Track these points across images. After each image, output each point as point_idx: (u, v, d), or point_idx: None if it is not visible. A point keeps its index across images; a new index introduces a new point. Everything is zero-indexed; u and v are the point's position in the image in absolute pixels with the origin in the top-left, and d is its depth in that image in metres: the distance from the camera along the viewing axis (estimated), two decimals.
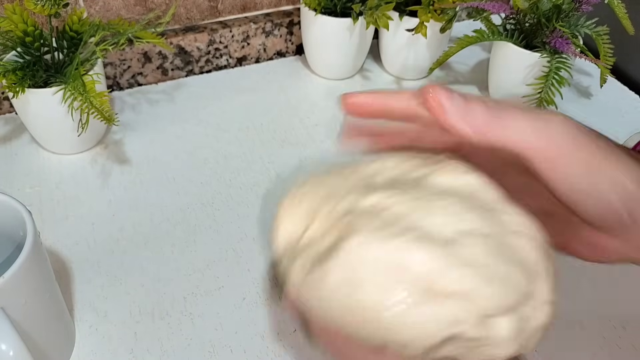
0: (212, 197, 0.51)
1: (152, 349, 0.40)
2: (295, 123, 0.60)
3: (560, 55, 0.55)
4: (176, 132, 0.58)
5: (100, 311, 0.42)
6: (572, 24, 0.57)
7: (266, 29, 0.66)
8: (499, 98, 0.33)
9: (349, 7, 0.59)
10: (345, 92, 0.30)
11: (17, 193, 0.50)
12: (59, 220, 0.48)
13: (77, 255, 0.46)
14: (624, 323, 0.43)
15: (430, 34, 0.60)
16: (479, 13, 0.60)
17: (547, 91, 0.54)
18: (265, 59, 0.69)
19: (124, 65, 0.62)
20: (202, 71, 0.66)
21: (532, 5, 0.55)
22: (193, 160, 0.55)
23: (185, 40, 0.63)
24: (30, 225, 0.33)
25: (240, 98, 0.63)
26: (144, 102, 0.62)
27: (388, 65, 0.67)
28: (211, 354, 0.40)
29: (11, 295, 0.31)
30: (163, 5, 0.61)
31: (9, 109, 0.59)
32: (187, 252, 0.46)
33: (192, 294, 0.43)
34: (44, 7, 0.45)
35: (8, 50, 0.49)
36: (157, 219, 0.49)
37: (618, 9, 0.56)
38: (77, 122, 0.49)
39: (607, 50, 0.57)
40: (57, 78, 0.50)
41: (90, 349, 0.40)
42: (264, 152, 0.56)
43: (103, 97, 0.47)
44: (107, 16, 0.60)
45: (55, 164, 0.54)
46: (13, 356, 0.30)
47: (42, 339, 0.35)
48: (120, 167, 0.54)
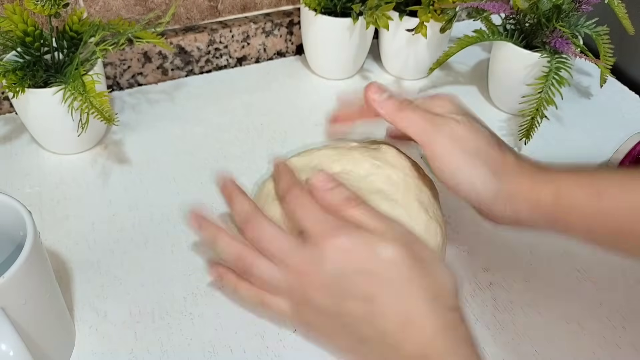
0: (212, 197, 0.51)
1: (152, 349, 0.40)
2: (295, 123, 0.60)
3: (560, 55, 0.55)
4: (176, 132, 0.58)
5: (100, 311, 0.42)
6: (572, 24, 0.57)
7: (266, 29, 0.66)
8: (427, 98, 0.43)
9: (349, 7, 0.59)
10: (331, 120, 0.47)
11: (17, 193, 0.50)
12: (59, 220, 0.48)
13: (77, 255, 0.46)
14: (624, 323, 0.43)
15: (430, 34, 0.60)
16: (479, 13, 0.60)
17: (547, 91, 0.54)
18: (265, 59, 0.69)
19: (124, 65, 0.62)
20: (202, 71, 0.66)
21: (532, 5, 0.55)
22: (193, 160, 0.55)
23: (185, 40, 0.63)
24: (30, 225, 0.33)
25: (240, 98, 0.63)
26: (144, 102, 0.62)
27: (388, 65, 0.67)
28: (211, 354, 0.40)
29: (11, 295, 0.31)
30: (163, 5, 0.61)
31: (9, 109, 0.59)
32: (187, 252, 0.46)
33: (192, 294, 0.43)
34: (44, 7, 0.45)
35: (8, 50, 0.49)
36: (157, 219, 0.49)
37: (618, 9, 0.56)
38: (77, 122, 0.49)
39: (607, 50, 0.57)
40: (57, 78, 0.50)
41: (90, 349, 0.40)
42: (264, 152, 0.56)
43: (103, 97, 0.47)
44: (107, 16, 0.60)
45: (55, 164, 0.54)
46: (13, 356, 0.30)
47: (42, 339, 0.35)
48: (120, 167, 0.54)
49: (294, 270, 0.36)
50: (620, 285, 0.45)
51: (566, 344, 0.41)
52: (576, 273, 0.46)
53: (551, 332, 0.42)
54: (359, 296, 0.34)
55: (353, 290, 0.34)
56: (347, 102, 0.46)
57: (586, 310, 0.44)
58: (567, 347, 0.41)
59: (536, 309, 0.43)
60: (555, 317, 0.43)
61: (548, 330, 0.42)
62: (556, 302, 0.44)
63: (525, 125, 0.55)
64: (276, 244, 0.37)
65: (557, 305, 0.44)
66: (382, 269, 0.34)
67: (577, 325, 0.42)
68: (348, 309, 0.34)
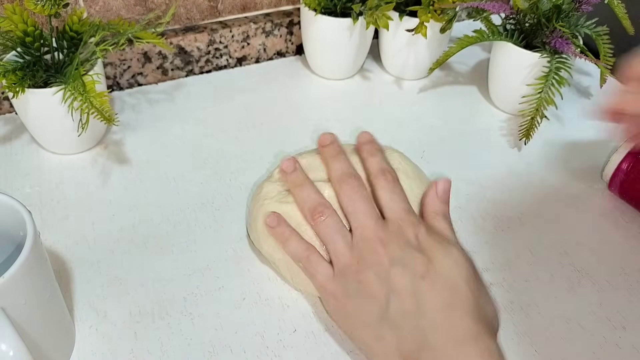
0: (212, 197, 0.51)
1: (152, 349, 0.40)
2: (295, 123, 0.60)
3: (560, 55, 0.55)
4: (176, 132, 0.58)
5: (100, 311, 0.42)
6: (572, 24, 0.57)
7: (266, 29, 0.66)
8: None
9: (349, 7, 0.59)
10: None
11: (17, 193, 0.50)
12: (59, 220, 0.48)
13: (77, 255, 0.46)
14: (624, 323, 0.43)
15: (430, 34, 0.60)
16: (479, 13, 0.60)
17: (547, 91, 0.54)
18: (265, 59, 0.69)
19: (124, 65, 0.62)
20: (202, 71, 0.66)
21: (532, 5, 0.55)
22: (193, 160, 0.55)
23: (185, 40, 0.63)
24: (30, 225, 0.33)
25: (240, 98, 0.63)
26: (144, 102, 0.62)
27: (388, 65, 0.67)
28: (211, 354, 0.40)
29: (11, 295, 0.31)
30: (163, 5, 0.61)
31: (9, 109, 0.59)
32: (187, 252, 0.46)
33: (192, 294, 0.43)
34: (44, 7, 0.45)
35: (8, 50, 0.49)
36: (157, 219, 0.49)
37: (618, 9, 0.56)
38: (77, 122, 0.49)
39: (607, 50, 0.57)
40: (57, 78, 0.50)
41: (90, 349, 0.40)
42: (264, 152, 0.56)
43: (103, 97, 0.47)
44: (107, 16, 0.60)
45: (55, 164, 0.54)
46: (13, 356, 0.30)
47: (42, 339, 0.35)
48: (120, 167, 0.54)
49: (367, 234, 0.39)
50: (620, 285, 0.45)
51: (566, 344, 0.41)
52: (576, 273, 0.46)
53: (551, 332, 0.42)
54: (413, 271, 0.36)
55: (408, 264, 0.36)
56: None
57: (586, 310, 0.44)
58: (567, 347, 0.41)
59: (536, 309, 0.43)
60: (555, 317, 0.43)
61: (548, 330, 0.42)
62: (556, 302, 0.44)
63: (525, 125, 0.55)
64: (364, 206, 0.40)
65: (557, 305, 0.44)
66: (444, 262, 0.36)
67: (577, 325, 0.42)
68: (395, 276, 0.36)
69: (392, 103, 0.63)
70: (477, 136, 0.59)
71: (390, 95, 0.65)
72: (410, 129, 0.60)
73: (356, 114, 0.61)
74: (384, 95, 0.65)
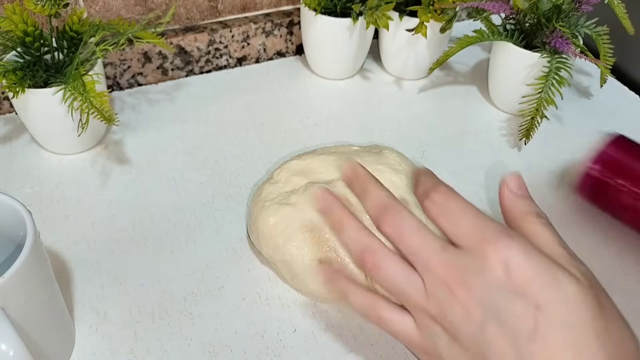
0: (212, 197, 0.51)
1: (152, 349, 0.40)
2: (295, 123, 0.60)
3: (560, 55, 0.55)
4: (176, 132, 0.58)
5: (100, 311, 0.42)
6: (572, 24, 0.57)
7: (266, 29, 0.66)
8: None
9: (349, 7, 0.59)
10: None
11: (17, 193, 0.50)
12: (59, 220, 0.48)
13: (77, 255, 0.46)
14: None
15: (430, 34, 0.60)
16: (479, 13, 0.60)
17: (547, 91, 0.54)
18: (265, 59, 0.69)
19: (124, 65, 0.62)
20: (202, 71, 0.66)
21: (532, 5, 0.55)
22: (193, 160, 0.55)
23: (185, 40, 0.63)
24: (30, 225, 0.33)
25: (240, 98, 0.63)
26: (144, 102, 0.62)
27: (388, 65, 0.67)
28: (211, 354, 0.40)
29: (11, 295, 0.31)
30: (163, 5, 0.61)
31: (9, 109, 0.59)
32: (187, 252, 0.46)
33: (192, 294, 0.43)
34: (44, 7, 0.45)
35: (8, 50, 0.49)
36: (157, 219, 0.49)
37: (618, 9, 0.56)
38: (77, 122, 0.49)
39: (607, 50, 0.57)
40: (57, 78, 0.50)
41: (90, 349, 0.40)
42: (264, 152, 0.56)
43: (103, 97, 0.47)
44: (107, 16, 0.60)
45: (55, 164, 0.54)
46: (13, 356, 0.30)
47: (42, 339, 0.35)
48: (120, 167, 0.54)
49: (440, 276, 0.30)
50: (621, 285, 0.45)
51: None
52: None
53: None
54: (514, 329, 0.28)
55: (508, 319, 0.28)
56: None
57: None
58: None
59: None
60: None
61: None
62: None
63: (525, 125, 0.55)
64: (421, 240, 0.31)
65: None
66: (558, 306, 0.27)
67: None
68: (492, 338, 0.28)
69: (392, 103, 0.63)
70: (477, 136, 0.59)
71: (390, 95, 0.65)
72: (410, 129, 0.60)
73: (356, 114, 0.61)
74: (384, 95, 0.65)
